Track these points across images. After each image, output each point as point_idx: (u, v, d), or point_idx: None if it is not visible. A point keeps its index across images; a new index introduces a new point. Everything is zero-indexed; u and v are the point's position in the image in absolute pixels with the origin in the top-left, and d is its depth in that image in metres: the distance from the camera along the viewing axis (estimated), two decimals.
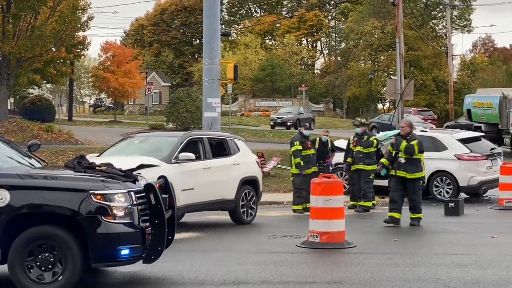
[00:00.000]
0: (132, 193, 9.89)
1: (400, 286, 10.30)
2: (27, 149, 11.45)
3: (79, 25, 46.19)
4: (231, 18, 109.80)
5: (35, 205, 9.64)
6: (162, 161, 16.13)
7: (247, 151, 19.07)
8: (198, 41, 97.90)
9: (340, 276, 11.16)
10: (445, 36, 74.50)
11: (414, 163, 17.27)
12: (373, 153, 20.93)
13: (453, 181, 23.13)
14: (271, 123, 60.46)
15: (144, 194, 10.10)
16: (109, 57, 68.04)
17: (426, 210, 21.32)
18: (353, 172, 21.09)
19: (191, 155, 16.66)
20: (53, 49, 45.11)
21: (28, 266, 9.54)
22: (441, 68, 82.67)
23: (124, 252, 9.71)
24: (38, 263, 9.54)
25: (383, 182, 23.80)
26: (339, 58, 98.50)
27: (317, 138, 21.93)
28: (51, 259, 9.55)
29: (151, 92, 66.93)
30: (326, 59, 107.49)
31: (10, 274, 9.63)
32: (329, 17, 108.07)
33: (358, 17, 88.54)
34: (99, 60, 71.47)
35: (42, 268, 9.54)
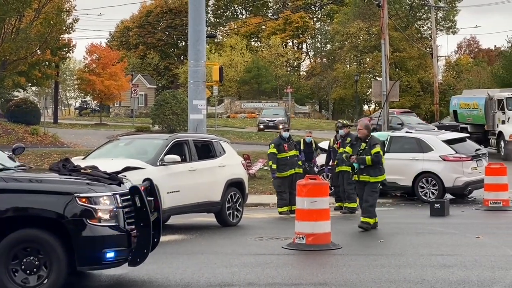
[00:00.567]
0: (118, 196, 9.86)
1: (386, 287, 10.32)
2: (12, 152, 11.41)
3: (64, 28, 46.09)
4: (217, 20, 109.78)
5: (20, 209, 9.60)
6: (148, 164, 16.11)
7: (233, 153, 19.08)
8: (184, 43, 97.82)
9: (326, 278, 11.18)
10: (430, 38, 74.66)
11: (377, 166, 16.57)
12: None
13: (439, 182, 23.18)
14: (261, 126, 59.24)
15: (130, 197, 10.08)
16: (95, 60, 67.93)
17: (412, 211, 21.45)
18: (337, 174, 21.14)
19: (177, 158, 16.65)
20: (38, 52, 44.98)
21: (13, 270, 9.49)
22: (426, 70, 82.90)
23: (110, 255, 9.67)
24: (23, 267, 9.49)
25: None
26: (325, 60, 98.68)
27: (301, 140, 22.01)
28: (36, 263, 9.51)
29: (137, 95, 66.88)
30: (312, 61, 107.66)
31: None
32: (315, 19, 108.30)
33: (344, 19, 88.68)
34: (85, 63, 71.35)
35: (27, 272, 9.49)
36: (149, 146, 17.36)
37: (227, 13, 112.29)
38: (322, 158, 22.86)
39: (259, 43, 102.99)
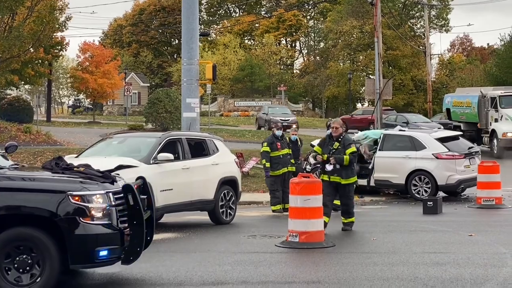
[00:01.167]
0: (111, 194, 9.85)
1: (379, 285, 10.33)
2: (4, 151, 11.39)
3: (57, 26, 45.92)
4: (210, 18, 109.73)
5: (13, 207, 9.58)
6: (141, 162, 16.09)
7: (226, 151, 19.06)
8: (177, 41, 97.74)
9: (319, 276, 11.18)
10: (423, 36, 74.80)
11: (348, 168, 15.95)
12: None
13: (432, 180, 23.22)
14: (272, 125, 56.58)
15: (123, 195, 10.07)
16: (88, 58, 67.77)
17: (405, 209, 21.47)
18: None
19: (170, 156, 16.63)
20: (31, 50, 44.79)
21: (6, 268, 9.47)
22: (420, 68, 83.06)
23: (103, 253, 9.66)
24: (16, 265, 9.47)
25: (363, 182, 23.94)
26: (318, 58, 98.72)
27: (287, 138, 21.86)
28: (29, 261, 9.49)
29: (130, 93, 66.66)
30: (305, 59, 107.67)
31: None
32: (308, 17, 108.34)
33: (337, 17, 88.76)
34: (78, 61, 71.20)
35: (20, 270, 9.47)
36: (142, 144, 17.34)
37: (220, 11, 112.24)
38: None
39: (253, 41, 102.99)
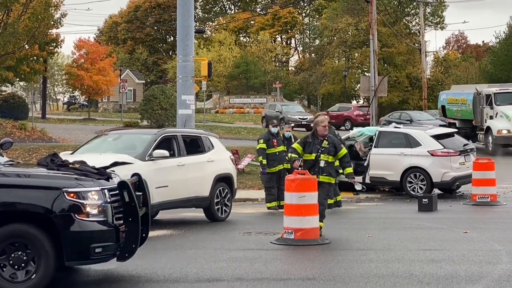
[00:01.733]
0: (106, 191, 9.84)
1: (374, 282, 10.33)
2: None
3: (52, 22, 45.88)
4: (205, 15, 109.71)
5: (8, 203, 9.56)
6: (136, 159, 16.07)
7: (222, 148, 19.05)
8: (172, 38, 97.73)
9: (315, 273, 11.19)
10: (419, 33, 74.88)
11: (334, 167, 15.19)
12: None
13: (427, 177, 23.23)
14: (291, 124, 53.17)
15: (118, 192, 10.05)
16: (83, 55, 67.75)
17: (400, 206, 21.49)
18: None
19: (165, 153, 16.61)
20: (26, 47, 44.76)
21: (1, 265, 9.45)
22: (415, 65, 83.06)
23: (98, 250, 9.65)
24: (11, 262, 9.45)
25: (357, 179, 23.96)
26: (313, 55, 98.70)
27: (281, 135, 21.78)
28: (24, 258, 9.47)
29: (125, 90, 66.68)
30: (301, 56, 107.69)
31: None
32: (303, 14, 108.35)
33: (332, 14, 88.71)
34: (73, 58, 71.13)
35: (15, 267, 9.45)
36: (138, 141, 17.31)
37: (216, 8, 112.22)
38: None
39: (248, 39, 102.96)
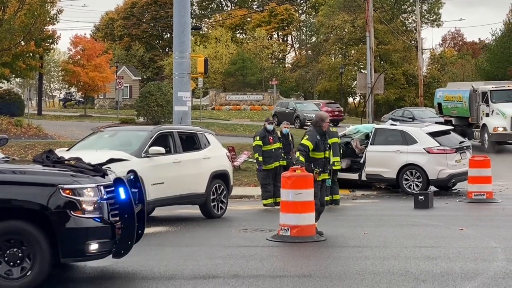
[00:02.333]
0: (102, 188, 9.82)
1: (370, 279, 10.33)
2: None
3: (48, 19, 45.84)
4: (202, 12, 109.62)
5: (3, 200, 9.53)
6: (132, 155, 16.06)
7: (218, 145, 19.05)
8: (169, 35, 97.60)
9: (311, 270, 11.19)
10: (415, 30, 74.75)
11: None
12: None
13: (423, 174, 23.26)
14: (308, 123, 49.12)
15: (114, 189, 10.05)
16: (79, 51, 67.57)
17: (396, 203, 21.51)
18: None
19: (161, 149, 16.60)
20: (22, 43, 44.75)
21: None
22: (411, 62, 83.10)
23: (94, 247, 9.64)
24: (6, 258, 9.44)
25: (353, 176, 24.00)
26: (310, 52, 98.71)
27: (278, 132, 21.81)
28: (20, 254, 9.46)
29: (122, 86, 66.59)
30: (297, 53, 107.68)
31: None
32: (300, 11, 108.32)
33: (329, 11, 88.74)
34: (69, 54, 70.98)
35: (11, 264, 9.44)
36: (134, 138, 17.31)
37: (212, 5, 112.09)
38: None
39: (244, 35, 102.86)
